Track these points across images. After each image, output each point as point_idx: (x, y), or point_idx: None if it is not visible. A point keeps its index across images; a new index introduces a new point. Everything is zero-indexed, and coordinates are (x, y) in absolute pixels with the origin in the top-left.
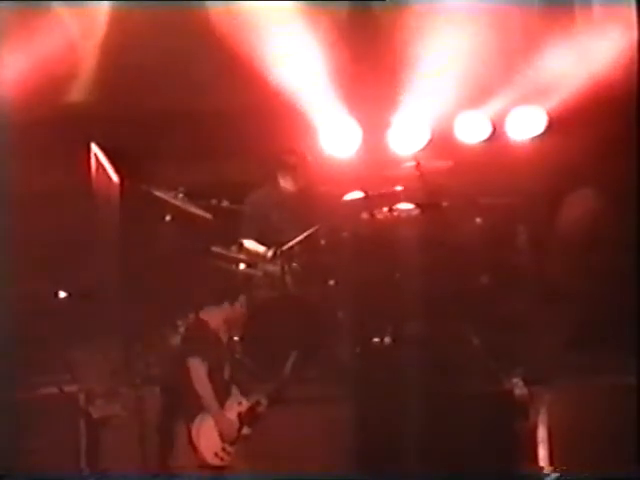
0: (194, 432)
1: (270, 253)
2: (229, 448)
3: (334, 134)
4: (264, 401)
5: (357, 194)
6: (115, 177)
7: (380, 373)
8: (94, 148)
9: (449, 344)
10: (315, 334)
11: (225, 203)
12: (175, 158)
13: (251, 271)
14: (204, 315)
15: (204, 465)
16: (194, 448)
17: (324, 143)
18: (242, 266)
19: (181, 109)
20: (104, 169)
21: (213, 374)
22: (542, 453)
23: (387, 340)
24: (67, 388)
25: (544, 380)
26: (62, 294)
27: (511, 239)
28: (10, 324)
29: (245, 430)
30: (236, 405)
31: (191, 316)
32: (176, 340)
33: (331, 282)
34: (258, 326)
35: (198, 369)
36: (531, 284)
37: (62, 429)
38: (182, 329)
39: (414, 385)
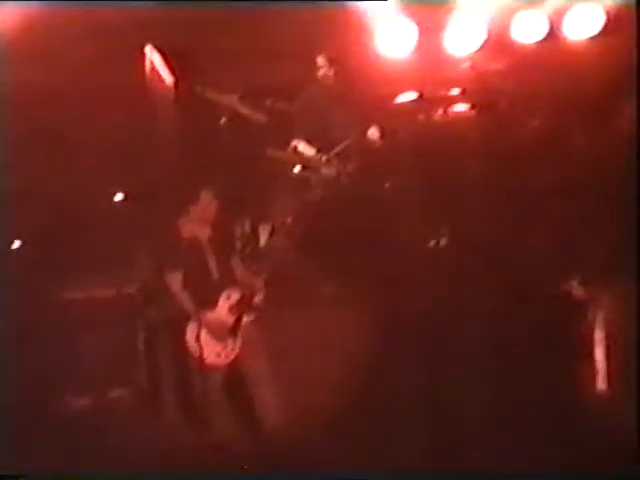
0: (192, 341)
1: (324, 157)
2: (232, 344)
3: (390, 35)
4: (260, 286)
5: (413, 95)
6: (170, 79)
7: (436, 276)
8: (149, 50)
9: (507, 246)
10: (370, 236)
11: (280, 104)
12: (230, 60)
13: (306, 173)
14: (180, 225)
15: (210, 367)
16: (198, 356)
17: (379, 44)
18: (297, 169)
19: (236, 10)
20: (159, 72)
21: (199, 280)
22: (599, 354)
23: (443, 243)
24: (125, 289)
25: (602, 281)
26: (119, 195)
27: (568, 141)
28: (68, 224)
29: (246, 318)
30: (225, 300)
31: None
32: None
33: (387, 184)
34: (313, 227)
35: (172, 281)
36: (589, 185)
37: (120, 330)
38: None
39: (471, 288)
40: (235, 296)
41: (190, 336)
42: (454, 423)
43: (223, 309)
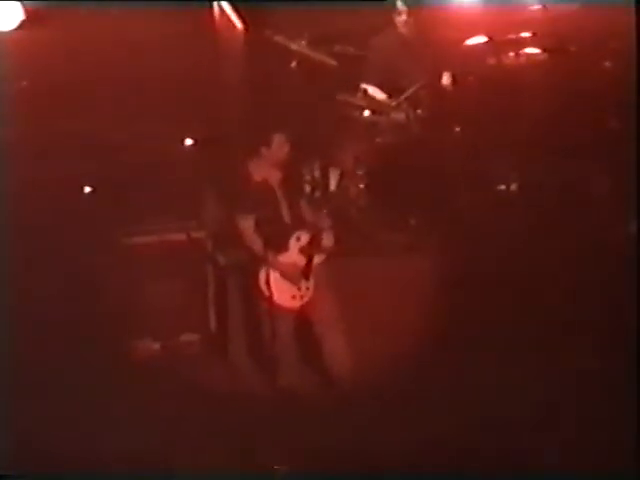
0: (262, 285)
1: (394, 102)
2: (306, 284)
3: None
4: (328, 226)
5: (482, 39)
6: (240, 25)
7: (506, 221)
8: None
9: (575, 189)
10: (440, 181)
11: (350, 49)
12: (299, 5)
13: (376, 118)
14: (250, 168)
15: (284, 310)
16: (269, 300)
17: None
18: (367, 113)
19: None
20: (228, 17)
21: (271, 224)
22: None
23: (513, 187)
24: (194, 234)
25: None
26: (189, 140)
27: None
28: (138, 170)
29: (317, 259)
30: (295, 241)
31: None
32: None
33: (457, 129)
34: (383, 171)
35: (244, 225)
36: None
37: (189, 275)
38: (308, 177)
39: (541, 233)
40: (305, 237)
41: (263, 280)
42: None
43: (294, 251)
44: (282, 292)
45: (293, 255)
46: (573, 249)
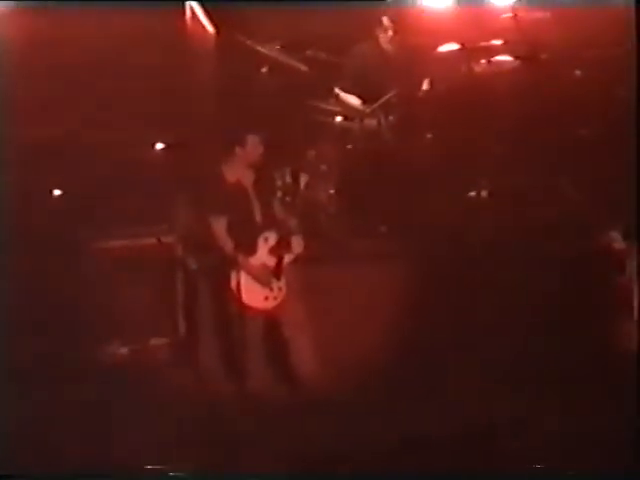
0: (234, 287)
1: (368, 109)
2: (278, 284)
3: None
4: (294, 225)
5: (455, 46)
6: (211, 28)
7: (476, 228)
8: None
9: (546, 198)
10: (411, 187)
11: (321, 55)
12: (271, 9)
13: (348, 124)
14: (223, 169)
15: (256, 311)
16: (239, 302)
17: None
18: (339, 119)
19: None
20: (200, 21)
21: (243, 224)
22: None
23: (484, 194)
24: (165, 238)
25: None
26: (159, 145)
27: (612, 91)
28: (109, 174)
29: (287, 259)
30: (263, 242)
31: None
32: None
33: (429, 135)
34: (354, 177)
35: (216, 226)
36: (630, 136)
37: (160, 280)
38: (279, 182)
39: (511, 239)
40: (273, 238)
41: (234, 282)
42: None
43: (263, 252)
44: (254, 293)
45: (263, 256)
46: (542, 254)
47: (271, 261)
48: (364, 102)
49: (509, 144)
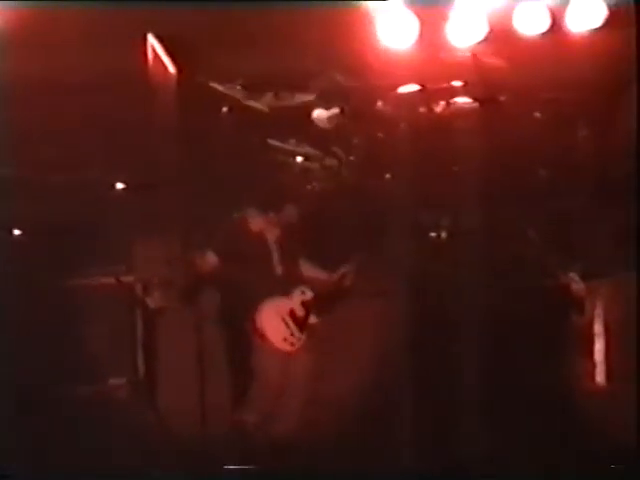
0: (258, 320)
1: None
2: (298, 334)
3: (391, 26)
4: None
5: (414, 87)
6: (172, 68)
7: (436, 267)
8: (151, 39)
9: (506, 239)
10: (371, 227)
11: (283, 95)
12: (233, 49)
13: (308, 164)
14: (249, 217)
15: (274, 350)
16: (260, 335)
17: (381, 35)
18: (299, 159)
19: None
20: (161, 60)
21: (261, 271)
22: (598, 347)
23: (444, 235)
24: (124, 278)
25: (601, 274)
26: (119, 185)
27: (570, 134)
28: (67, 213)
29: (312, 319)
30: (299, 294)
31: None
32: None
33: (388, 175)
34: (315, 218)
35: (209, 260)
36: (589, 179)
37: (118, 318)
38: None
39: (471, 279)
40: (309, 294)
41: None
42: (450, 420)
43: (297, 301)
44: (277, 332)
45: (295, 304)
46: (500, 297)
47: (301, 312)
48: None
49: (468, 185)
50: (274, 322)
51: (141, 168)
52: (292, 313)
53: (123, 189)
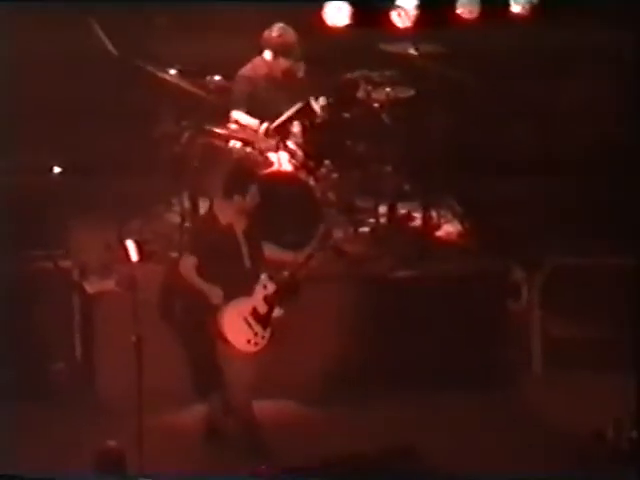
0: (220, 325)
1: (262, 128)
2: (262, 332)
3: (331, 10)
4: (289, 280)
5: (354, 73)
6: (114, 51)
7: (372, 254)
8: (91, 24)
9: (441, 226)
10: (309, 212)
11: (219, 79)
12: (170, 34)
13: (246, 149)
14: (216, 210)
15: (238, 353)
16: (223, 339)
17: (321, 20)
18: (237, 144)
19: None
20: (102, 44)
21: (233, 266)
22: (535, 335)
23: (382, 221)
24: (61, 263)
25: (538, 261)
26: (56, 169)
27: (508, 116)
28: (3, 197)
29: (277, 312)
30: (262, 289)
31: (203, 211)
32: (173, 218)
33: (326, 161)
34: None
35: (186, 264)
36: (527, 163)
37: (56, 303)
38: (177, 208)
39: (406, 265)
40: (272, 287)
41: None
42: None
43: (259, 297)
44: (238, 334)
45: (257, 301)
46: (437, 286)
47: (263, 308)
48: (261, 125)
49: (406, 174)
50: (236, 325)
51: (79, 151)
52: (254, 312)
53: (60, 172)
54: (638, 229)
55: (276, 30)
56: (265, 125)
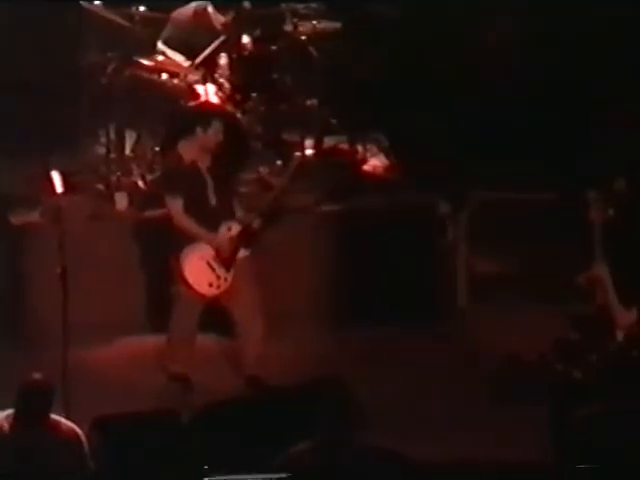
0: (181, 268)
1: (191, 64)
2: (225, 275)
3: None
4: (257, 220)
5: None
6: None
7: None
8: None
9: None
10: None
11: (144, 10)
12: None
13: (173, 81)
14: (180, 149)
15: (199, 297)
16: (185, 283)
17: None
18: (164, 76)
19: None
20: None
21: (198, 206)
22: (461, 269)
23: (309, 154)
24: None
25: (464, 195)
26: None
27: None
28: None
29: (242, 253)
30: (226, 231)
31: (168, 152)
32: (99, 150)
33: (253, 94)
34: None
35: (174, 206)
36: (454, 97)
37: None
38: (103, 139)
39: (333, 199)
40: (236, 229)
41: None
42: None
43: (223, 239)
44: (199, 277)
45: (222, 243)
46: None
47: (227, 251)
48: (188, 58)
49: (333, 103)
50: (198, 268)
51: (2, 78)
52: (218, 254)
53: None
54: (561, 164)
55: None
56: (191, 61)
